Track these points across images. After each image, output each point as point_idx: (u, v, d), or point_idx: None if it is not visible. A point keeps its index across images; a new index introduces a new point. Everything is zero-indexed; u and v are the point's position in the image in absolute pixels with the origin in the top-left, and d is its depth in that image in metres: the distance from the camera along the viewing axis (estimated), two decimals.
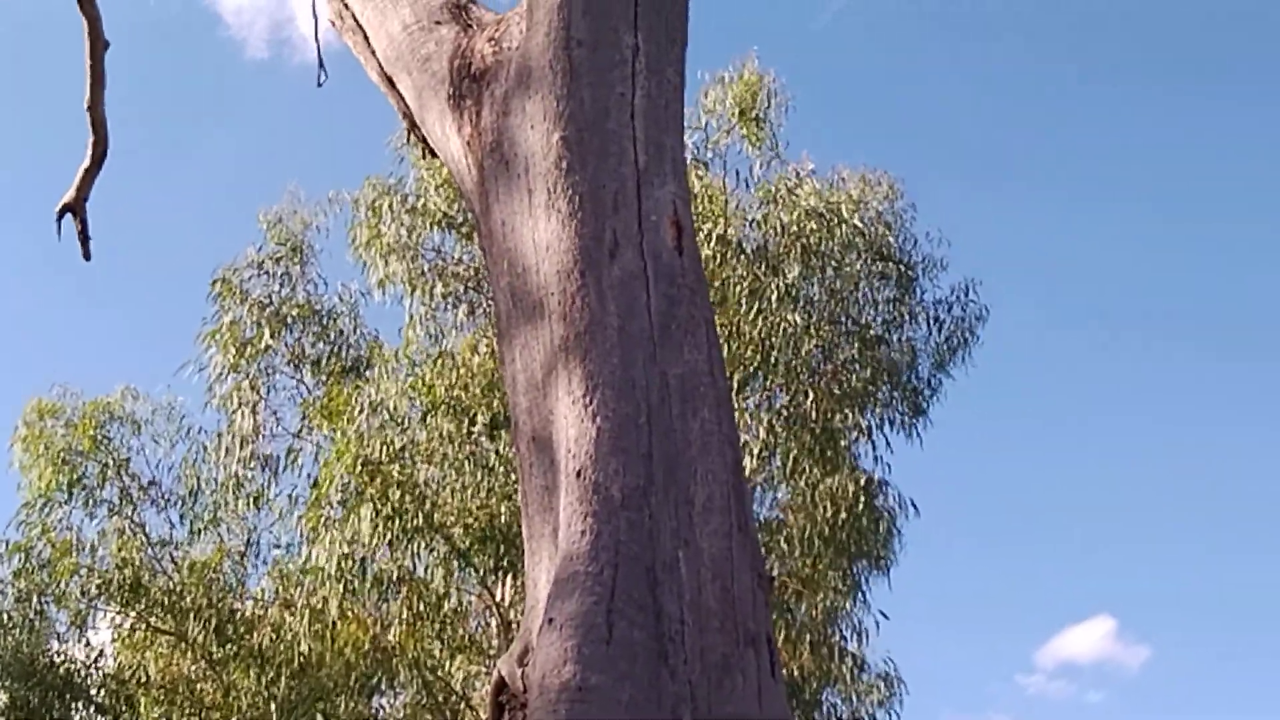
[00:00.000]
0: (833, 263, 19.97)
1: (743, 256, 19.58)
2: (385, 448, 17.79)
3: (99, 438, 21.24)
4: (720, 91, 20.41)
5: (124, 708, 19.42)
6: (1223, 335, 38.71)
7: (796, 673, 18.60)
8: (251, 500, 20.77)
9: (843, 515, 18.67)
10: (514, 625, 17.95)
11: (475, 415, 18.15)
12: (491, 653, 18.98)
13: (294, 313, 21.12)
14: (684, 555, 4.35)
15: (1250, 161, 37.68)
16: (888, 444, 19.86)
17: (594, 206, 4.78)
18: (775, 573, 18.68)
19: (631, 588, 4.18)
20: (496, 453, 18.14)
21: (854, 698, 20.04)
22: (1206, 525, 38.46)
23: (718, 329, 5.04)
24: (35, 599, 20.37)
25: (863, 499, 18.87)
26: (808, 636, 19.09)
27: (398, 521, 17.39)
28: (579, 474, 4.39)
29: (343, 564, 17.73)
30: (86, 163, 8.05)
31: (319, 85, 7.20)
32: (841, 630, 19.96)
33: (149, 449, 21.66)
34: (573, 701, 4.01)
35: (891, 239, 20.49)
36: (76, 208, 7.98)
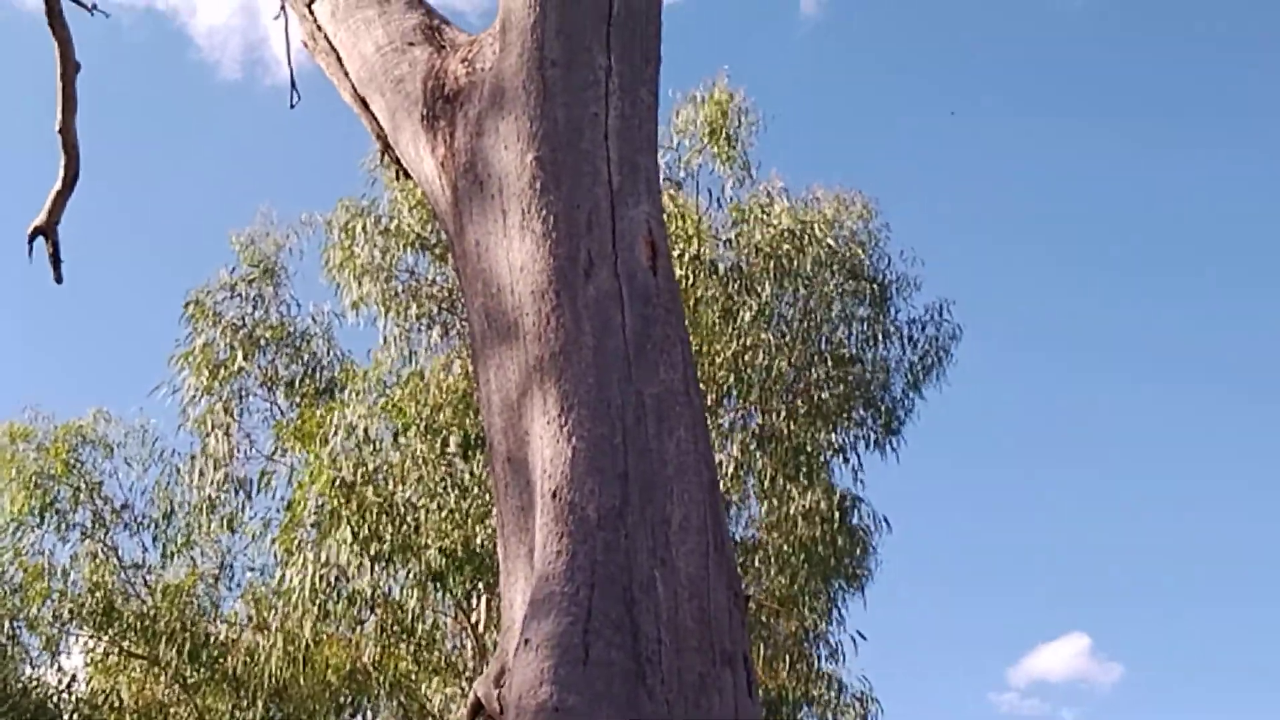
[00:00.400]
0: (806, 282, 20.02)
1: (716, 276, 19.62)
2: (359, 469, 17.76)
3: (71, 461, 21.17)
4: (691, 111, 20.50)
5: None
6: (1197, 357, 38.92)
7: (775, 693, 18.59)
8: (225, 523, 20.70)
9: (818, 533, 18.71)
10: (489, 647, 17.91)
11: (449, 436, 18.13)
12: (467, 675, 18.93)
13: (267, 335, 21.09)
14: (661, 575, 4.34)
15: (1222, 190, 37.96)
16: (861, 463, 19.94)
17: (568, 227, 4.78)
18: (752, 591, 18.70)
19: (608, 608, 4.17)
20: (471, 473, 18.12)
21: (830, 718, 20.04)
22: (1180, 544, 38.62)
23: (692, 348, 5.04)
24: (7, 624, 20.27)
25: (837, 517, 18.91)
26: (786, 656, 19.09)
27: (373, 543, 17.35)
28: (554, 494, 4.38)
29: (317, 586, 17.67)
30: (58, 185, 8.02)
31: (292, 107, 7.20)
32: (818, 649, 19.98)
33: (121, 472, 21.62)
34: None
35: (865, 258, 20.56)
36: (48, 230, 7.95)
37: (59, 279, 8.01)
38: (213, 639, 19.52)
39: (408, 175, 5.63)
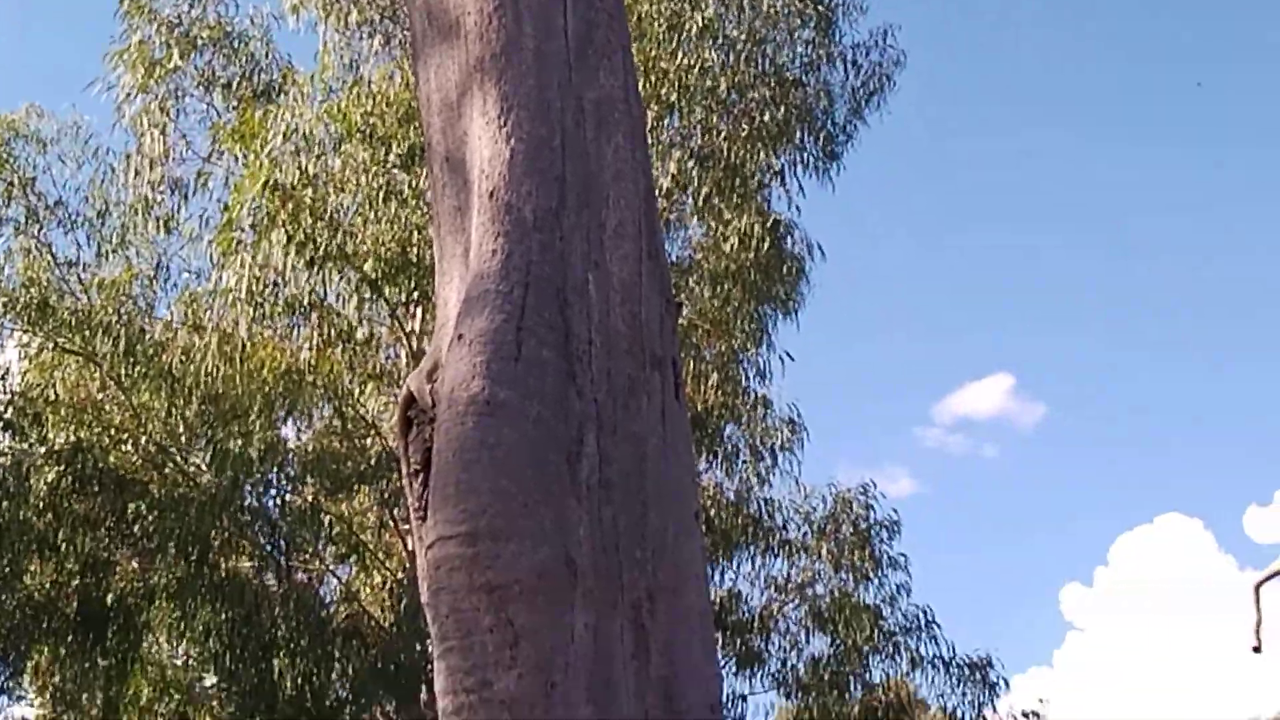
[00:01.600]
0: (752, 1, 19.75)
1: None
2: (298, 173, 17.62)
3: (3, 155, 20.88)
4: None
5: (31, 426, 19.44)
6: (1139, 101, 38.93)
7: (701, 407, 18.93)
8: (161, 224, 20.61)
9: (752, 256, 18.82)
10: (424, 355, 18.06)
11: (390, 145, 18.00)
12: (402, 382, 19.11)
13: (204, 34, 20.68)
14: (594, 278, 4.42)
15: None
16: (800, 187, 19.94)
17: None
18: (685, 313, 18.91)
19: (542, 307, 4.25)
20: (410, 185, 18.04)
21: (757, 438, 20.46)
22: (1107, 287, 39.18)
23: (635, 61, 5.02)
24: None
25: (771, 241, 19.01)
26: (714, 374, 19.39)
27: (310, 248, 17.32)
28: (491, 195, 4.41)
29: (253, 288, 17.70)
30: None
31: None
32: (747, 372, 20.30)
33: (55, 169, 21.34)
34: (480, 415, 4.09)
35: None
36: None
37: None
38: (148, 337, 19.56)
39: None
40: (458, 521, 4.03)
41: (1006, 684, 20.96)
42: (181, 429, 19.26)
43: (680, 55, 18.93)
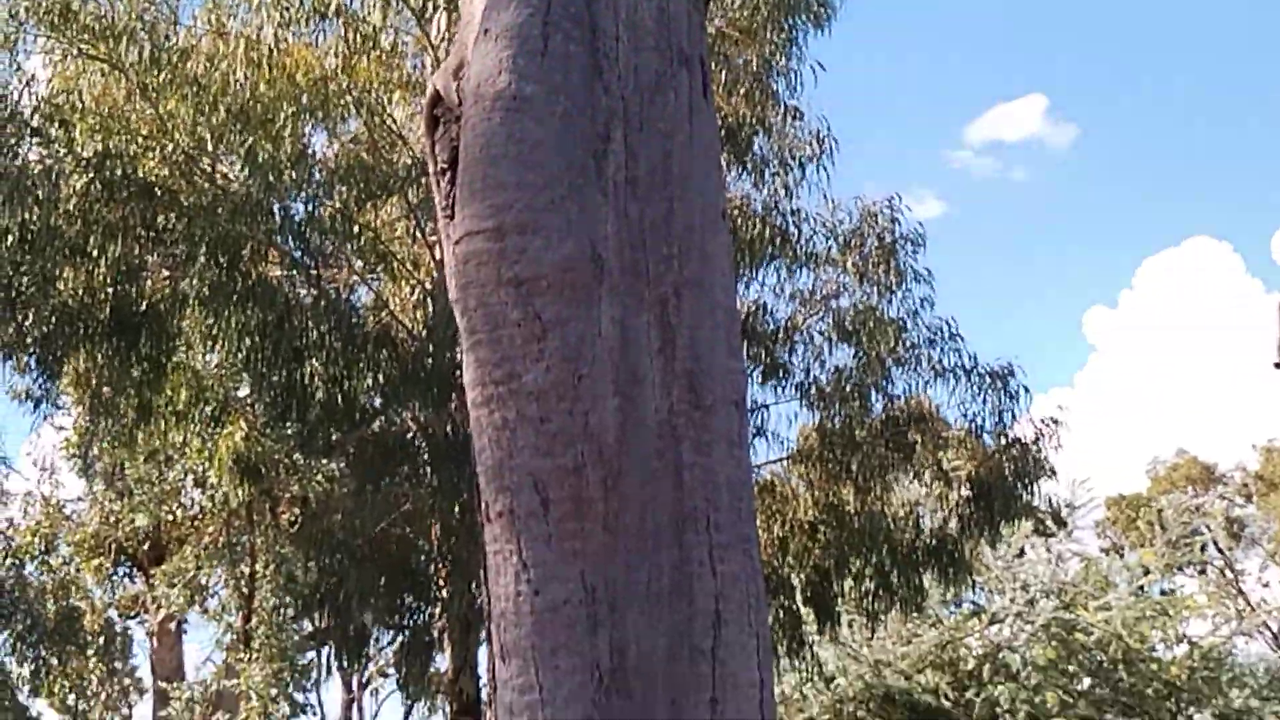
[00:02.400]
0: None
1: None
2: None
3: None
4: None
5: (59, 134, 19.36)
6: None
7: (732, 119, 18.79)
8: None
9: None
10: None
11: None
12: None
13: None
14: None
15: None
16: None
17: None
18: (715, 22, 18.66)
19: (568, 1, 4.22)
20: None
21: (785, 150, 20.30)
22: (1140, 5, 38.38)
23: None
24: None
25: None
26: (744, 84, 19.20)
27: None
28: None
29: None
30: None
31: None
32: (777, 83, 20.06)
33: None
34: (507, 110, 4.10)
35: None
36: None
37: None
38: (172, 44, 19.34)
39: None
40: (484, 216, 4.08)
41: (1027, 392, 20.98)
42: (209, 137, 19.18)
43: None
